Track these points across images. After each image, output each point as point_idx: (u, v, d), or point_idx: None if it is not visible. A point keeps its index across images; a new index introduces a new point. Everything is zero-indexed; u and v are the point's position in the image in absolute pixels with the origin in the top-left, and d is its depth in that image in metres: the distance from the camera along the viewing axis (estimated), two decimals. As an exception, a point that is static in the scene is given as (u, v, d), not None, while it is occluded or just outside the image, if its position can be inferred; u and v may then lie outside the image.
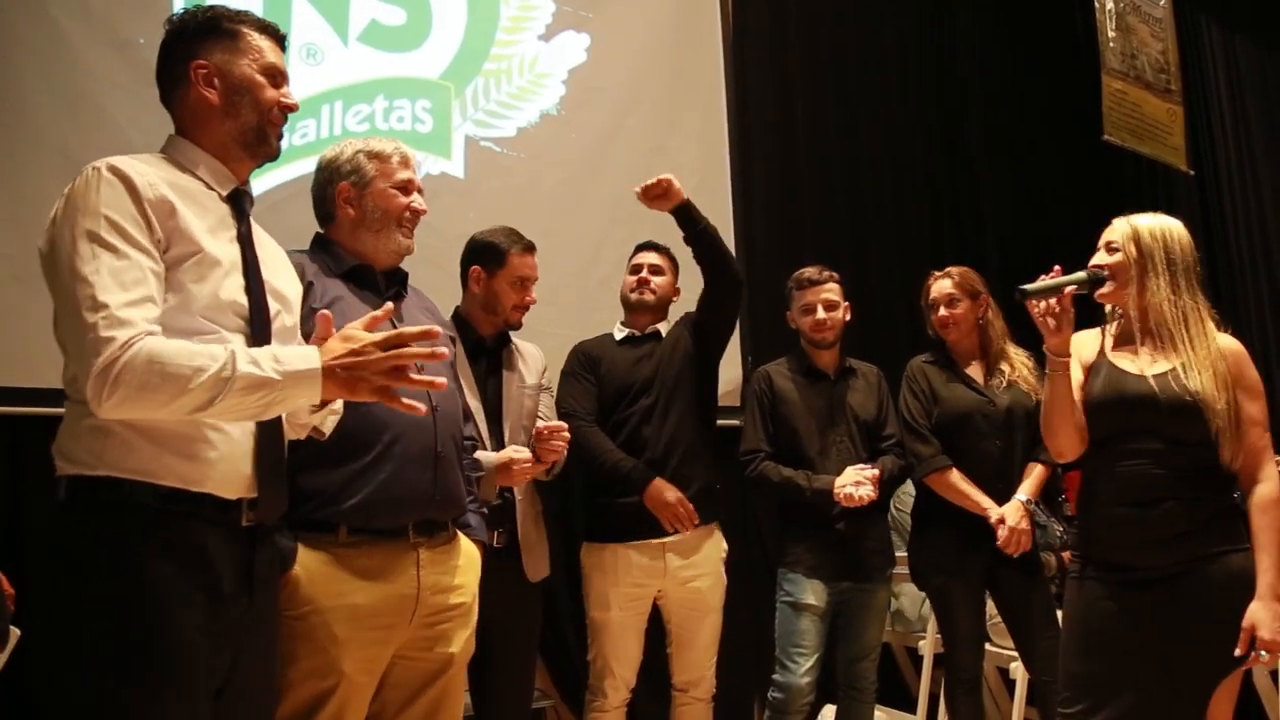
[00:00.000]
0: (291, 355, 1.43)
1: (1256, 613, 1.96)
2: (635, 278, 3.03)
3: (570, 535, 3.50)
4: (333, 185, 2.04)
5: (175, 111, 1.65)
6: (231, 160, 1.64)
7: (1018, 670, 3.19)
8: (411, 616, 1.89)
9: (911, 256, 4.72)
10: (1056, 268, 2.20)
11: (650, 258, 3.04)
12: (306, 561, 1.81)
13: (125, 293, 1.37)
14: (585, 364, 2.94)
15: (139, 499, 1.42)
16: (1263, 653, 1.94)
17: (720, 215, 4.12)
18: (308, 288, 1.88)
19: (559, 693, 3.60)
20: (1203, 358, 2.09)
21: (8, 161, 2.86)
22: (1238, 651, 1.96)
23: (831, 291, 3.04)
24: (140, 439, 1.42)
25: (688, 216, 2.79)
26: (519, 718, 2.63)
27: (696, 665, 2.84)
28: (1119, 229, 2.23)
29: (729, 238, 4.09)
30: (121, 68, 2.99)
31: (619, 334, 3.02)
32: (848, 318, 3.08)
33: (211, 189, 1.60)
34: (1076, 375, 2.26)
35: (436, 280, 2.60)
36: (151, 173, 1.49)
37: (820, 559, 2.89)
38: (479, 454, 2.37)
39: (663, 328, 3.02)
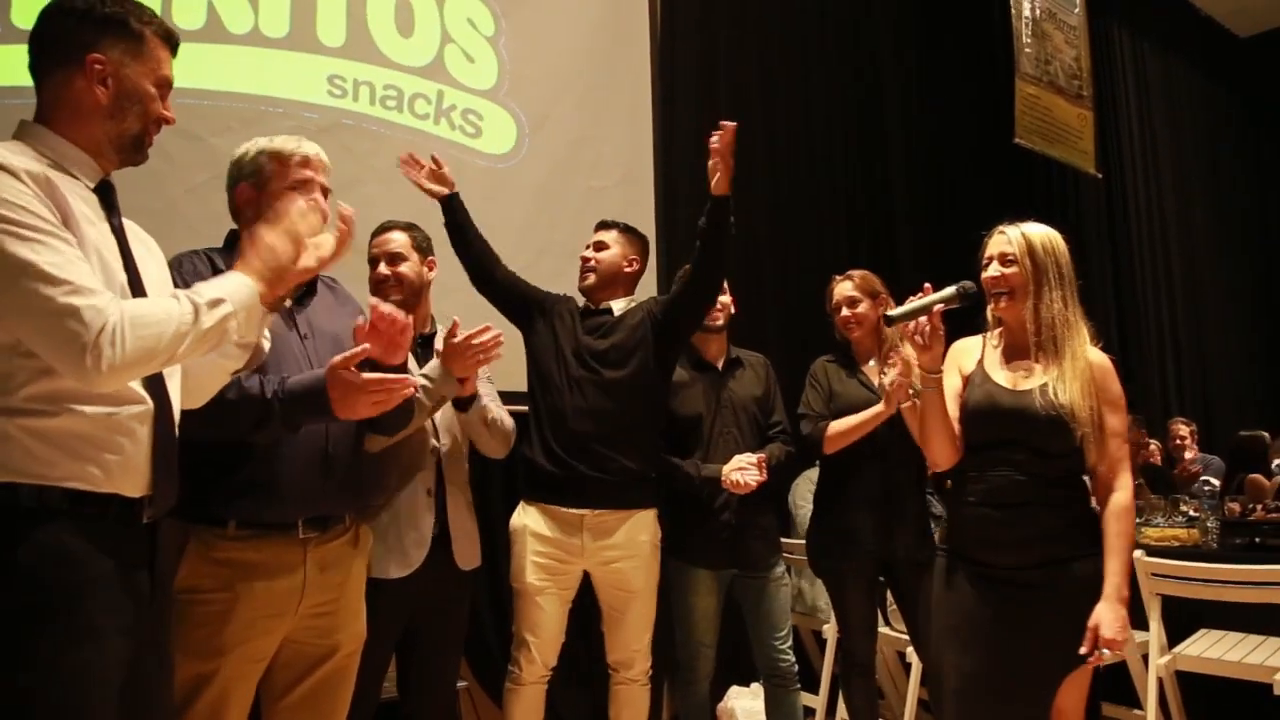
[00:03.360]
0: (226, 279, 1.53)
1: (1101, 613, 2.04)
2: (580, 256, 3.00)
3: (489, 520, 3.56)
4: (235, 186, 2.04)
5: (46, 91, 1.55)
6: (100, 158, 1.58)
7: (914, 654, 3.34)
8: (297, 607, 1.94)
9: (828, 255, 4.85)
10: (926, 286, 2.22)
11: (597, 235, 3.00)
12: (195, 551, 1.86)
13: (75, 266, 1.37)
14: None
15: (48, 503, 1.39)
16: (1104, 650, 2.03)
17: (644, 207, 4.22)
18: None
19: (474, 674, 3.65)
20: (1074, 370, 2.15)
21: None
22: (1082, 650, 2.04)
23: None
24: (40, 443, 1.38)
25: (724, 208, 2.72)
26: (444, 704, 2.64)
27: (625, 645, 2.83)
28: (1015, 241, 2.23)
29: (651, 229, 4.18)
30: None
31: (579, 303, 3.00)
32: (734, 310, 3.16)
33: (78, 180, 1.54)
34: (955, 383, 2.32)
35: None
36: (30, 162, 1.44)
37: (708, 548, 2.97)
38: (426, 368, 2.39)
39: (616, 305, 2.94)
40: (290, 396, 1.86)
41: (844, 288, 3.10)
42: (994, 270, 2.26)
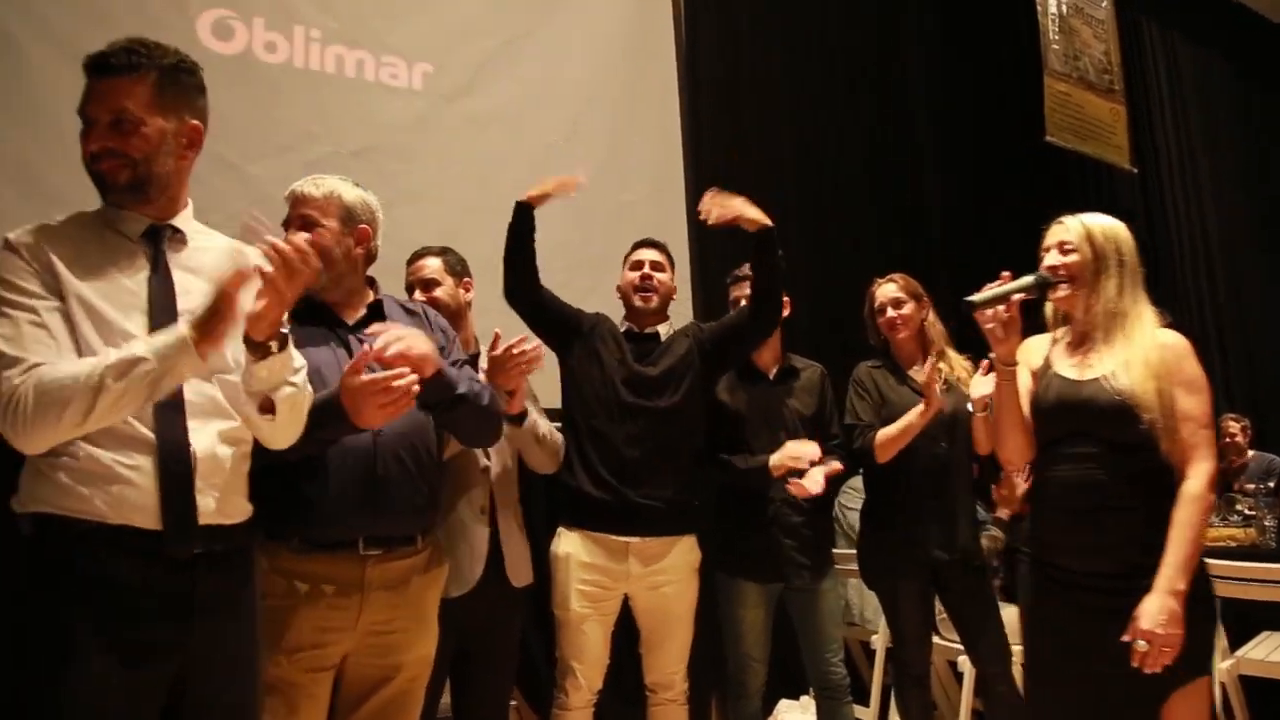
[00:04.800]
0: (163, 332, 1.54)
1: (1146, 603, 1.93)
2: (638, 274, 2.91)
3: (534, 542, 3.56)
4: None
5: None
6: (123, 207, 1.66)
7: (965, 663, 3.28)
8: (356, 623, 1.97)
9: (860, 258, 4.81)
10: (1005, 274, 2.19)
11: (652, 254, 2.94)
12: (261, 563, 1.89)
13: (21, 337, 1.49)
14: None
15: (72, 533, 1.51)
16: (1139, 643, 1.91)
17: (674, 219, 4.20)
18: None
19: (522, 694, 3.63)
20: (1137, 355, 2.07)
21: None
22: (1124, 638, 1.93)
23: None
24: (67, 477, 1.52)
25: (771, 242, 2.76)
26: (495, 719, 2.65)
27: (664, 668, 2.82)
28: (1074, 229, 2.20)
29: (683, 241, 4.17)
30: (79, 81, 2.96)
31: (620, 327, 2.94)
32: (786, 312, 3.04)
33: (123, 233, 1.64)
34: (1026, 381, 2.26)
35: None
36: (40, 234, 1.57)
37: (756, 561, 2.93)
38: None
39: (663, 329, 2.93)
40: (312, 411, 1.87)
41: (887, 289, 3.06)
42: (1053, 258, 2.22)
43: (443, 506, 2.41)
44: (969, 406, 2.83)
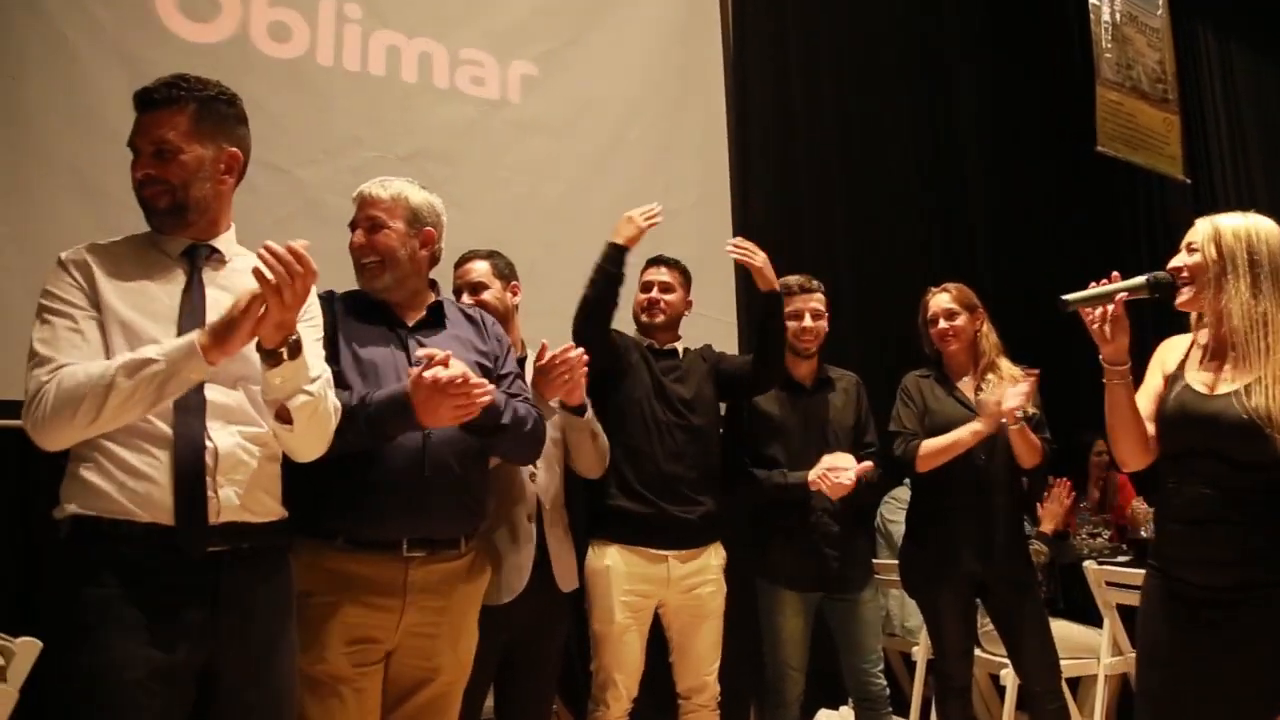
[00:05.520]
0: (179, 338, 1.61)
1: None
2: (646, 297, 2.96)
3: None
4: None
5: None
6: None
7: (1008, 676, 3.24)
8: (398, 624, 1.99)
9: (908, 270, 4.78)
10: (1114, 274, 2.08)
11: (660, 274, 2.96)
12: (306, 560, 1.93)
13: (57, 340, 1.60)
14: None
15: (102, 531, 1.58)
16: None
17: (719, 229, 4.18)
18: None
19: (561, 699, 3.65)
20: (1276, 371, 1.92)
21: (13, 178, 2.86)
22: None
23: (818, 301, 3.08)
24: (95, 478, 1.59)
25: (778, 306, 2.87)
26: None
27: (696, 672, 2.83)
28: (1200, 229, 2.07)
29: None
30: (131, 84, 3.01)
31: (643, 342, 2.98)
32: (825, 331, 3.11)
33: (164, 251, 1.76)
34: (1156, 382, 2.16)
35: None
36: (89, 253, 1.69)
37: (796, 569, 2.93)
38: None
39: (679, 346, 3.00)
40: (375, 405, 1.92)
41: (941, 300, 3.04)
42: (1179, 258, 2.08)
43: (490, 513, 2.42)
44: (1002, 420, 2.80)
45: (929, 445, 2.88)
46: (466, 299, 2.59)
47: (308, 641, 1.88)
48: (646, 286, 2.98)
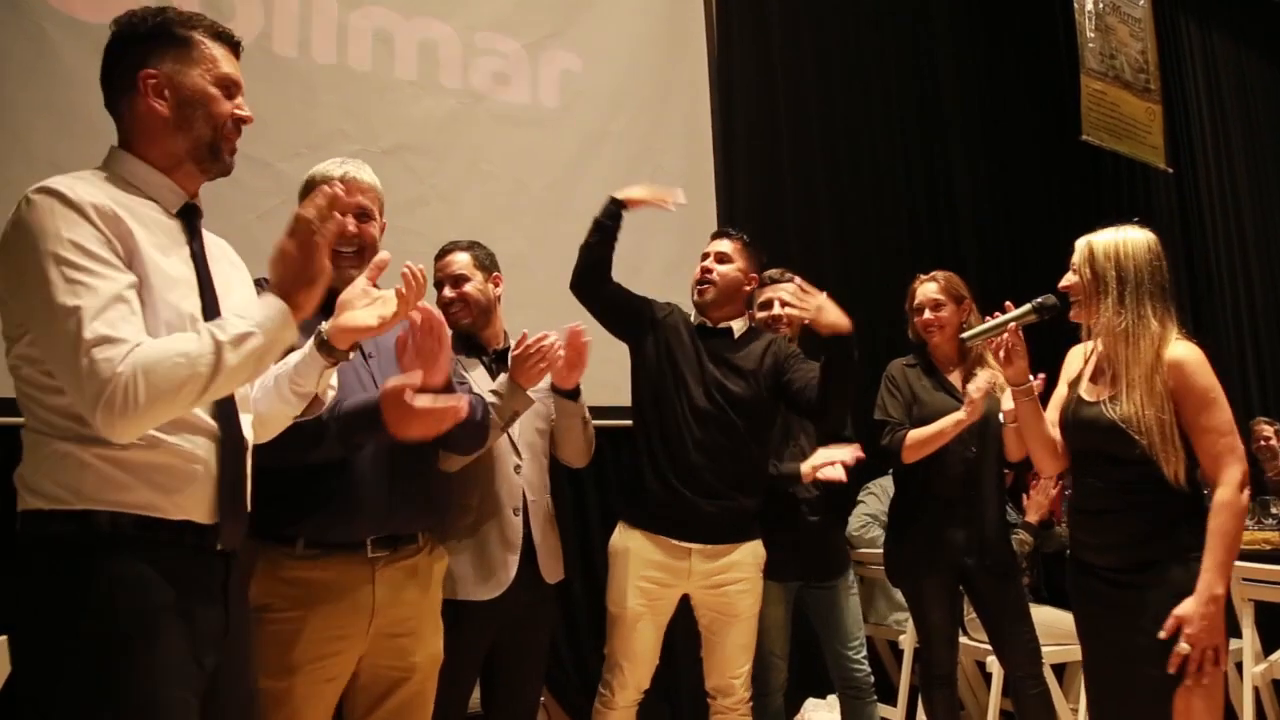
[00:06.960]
0: (248, 307, 1.46)
1: (1186, 608, 2.01)
2: (700, 267, 2.84)
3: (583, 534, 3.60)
4: None
5: (121, 121, 1.55)
6: (180, 175, 1.56)
7: (994, 663, 3.26)
8: (368, 628, 1.94)
9: (891, 259, 4.80)
10: (1007, 304, 2.34)
11: (718, 245, 2.85)
12: (265, 570, 1.86)
13: (111, 311, 1.34)
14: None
15: (121, 530, 1.39)
16: (1182, 645, 1.99)
17: (704, 218, 4.20)
18: None
19: (549, 688, 3.65)
20: (1137, 379, 2.11)
21: (-6, 174, 2.82)
22: (1161, 635, 2.01)
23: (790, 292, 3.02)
24: (117, 470, 1.39)
25: (849, 345, 2.52)
26: (525, 717, 2.63)
27: (723, 671, 2.71)
28: (1078, 249, 2.25)
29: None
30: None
31: (694, 320, 2.86)
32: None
33: (159, 206, 1.54)
34: (1063, 392, 2.37)
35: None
36: (98, 193, 1.42)
37: (775, 559, 2.85)
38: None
39: (736, 325, 2.84)
40: (346, 416, 1.85)
41: (928, 289, 3.02)
42: (1065, 279, 2.30)
43: (471, 508, 2.43)
44: (1000, 417, 2.83)
45: (915, 435, 2.89)
46: (448, 292, 2.58)
47: (272, 659, 1.80)
48: (704, 257, 2.86)
